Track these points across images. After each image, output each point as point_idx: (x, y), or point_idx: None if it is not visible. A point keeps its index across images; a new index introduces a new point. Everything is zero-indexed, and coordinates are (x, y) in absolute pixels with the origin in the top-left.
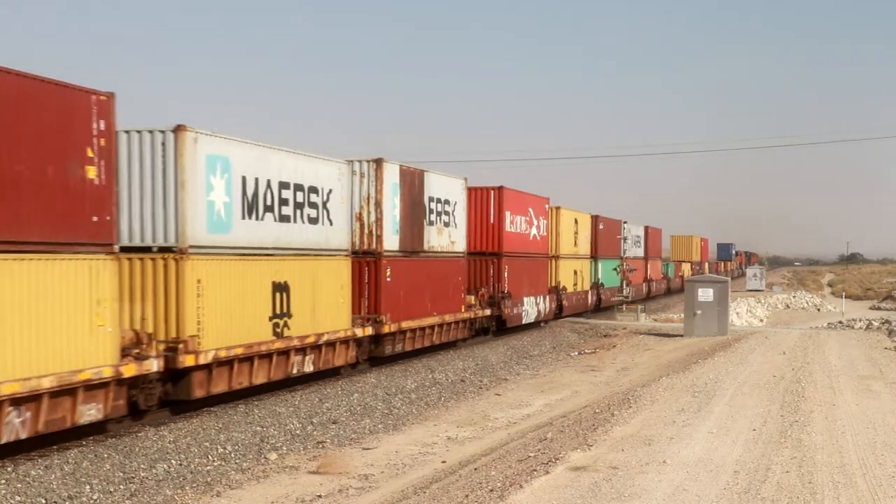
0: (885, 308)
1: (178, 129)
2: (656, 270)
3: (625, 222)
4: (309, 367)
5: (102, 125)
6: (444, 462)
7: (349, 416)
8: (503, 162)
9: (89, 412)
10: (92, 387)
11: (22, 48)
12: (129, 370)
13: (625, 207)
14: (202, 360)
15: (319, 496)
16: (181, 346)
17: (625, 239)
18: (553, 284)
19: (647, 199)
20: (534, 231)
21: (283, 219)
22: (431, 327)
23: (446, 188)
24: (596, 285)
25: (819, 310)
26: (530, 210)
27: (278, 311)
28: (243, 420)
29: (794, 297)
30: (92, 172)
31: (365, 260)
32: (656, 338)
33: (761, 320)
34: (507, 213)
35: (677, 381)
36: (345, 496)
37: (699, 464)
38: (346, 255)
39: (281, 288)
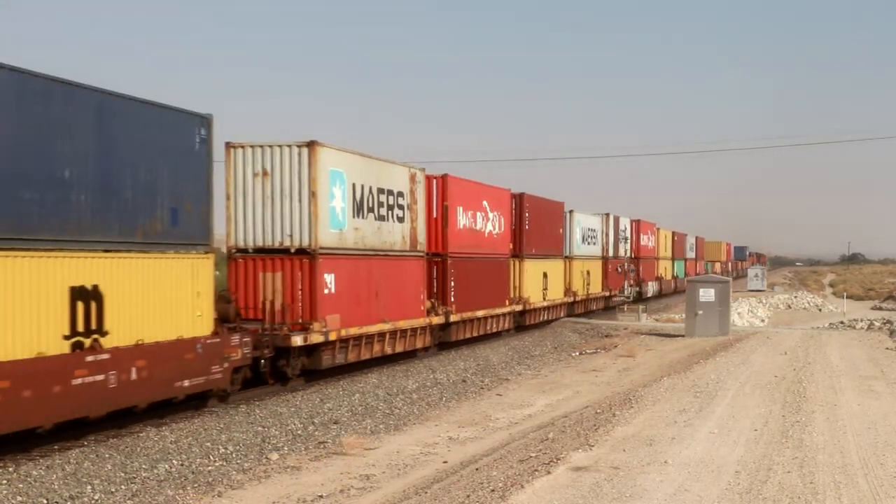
0: (887, 308)
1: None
2: (701, 268)
3: (685, 234)
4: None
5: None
6: (445, 462)
7: (350, 416)
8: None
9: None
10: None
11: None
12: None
13: (625, 206)
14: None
15: (321, 496)
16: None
17: (690, 247)
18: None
19: (646, 198)
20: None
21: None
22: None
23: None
24: (674, 278)
25: (820, 310)
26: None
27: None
28: (244, 420)
29: (795, 297)
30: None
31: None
32: (658, 338)
33: (762, 320)
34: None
35: (679, 382)
36: (346, 496)
37: (701, 464)
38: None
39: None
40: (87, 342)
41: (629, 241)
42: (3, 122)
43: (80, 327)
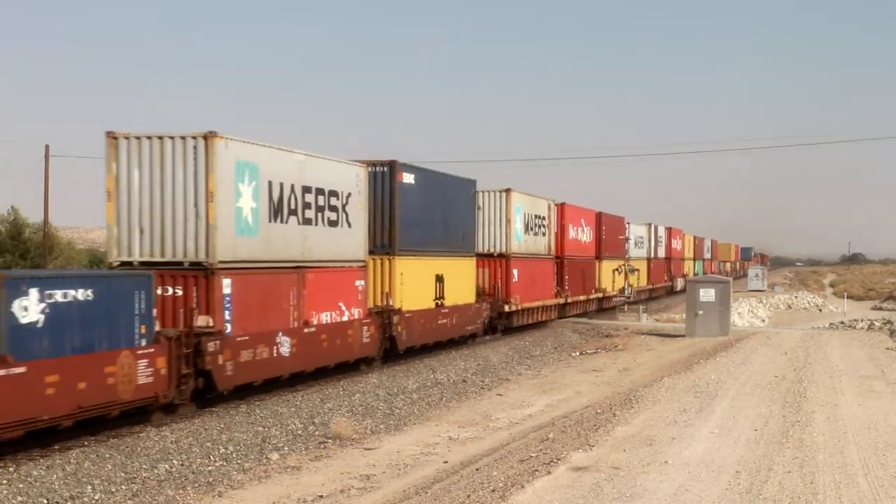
0: (887, 308)
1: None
2: (715, 267)
3: (703, 238)
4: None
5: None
6: (445, 462)
7: (351, 416)
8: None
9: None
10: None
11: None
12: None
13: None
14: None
15: (321, 496)
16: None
17: (707, 249)
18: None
19: (646, 197)
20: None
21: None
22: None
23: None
24: (696, 274)
25: (821, 310)
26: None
27: (437, 294)
28: (245, 420)
29: (795, 297)
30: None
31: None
32: (658, 338)
33: (763, 320)
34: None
35: (679, 382)
36: (346, 496)
37: (701, 464)
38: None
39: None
40: (441, 303)
41: (664, 244)
42: (416, 196)
43: (438, 295)
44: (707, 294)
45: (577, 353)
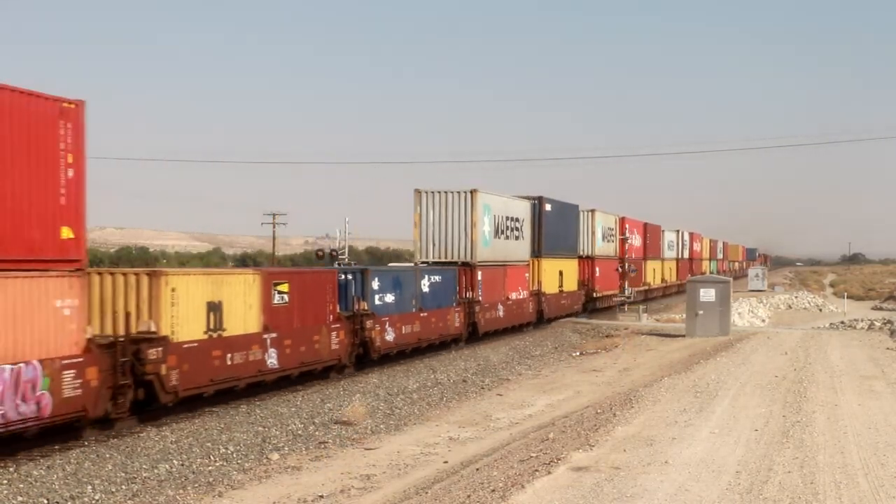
0: (887, 308)
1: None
2: (726, 266)
3: (717, 241)
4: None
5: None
6: (446, 462)
7: (351, 415)
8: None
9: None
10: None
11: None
12: None
13: (623, 204)
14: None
15: (321, 496)
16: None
17: (720, 250)
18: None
19: (644, 197)
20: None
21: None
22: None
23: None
24: (711, 273)
25: (821, 310)
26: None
27: (559, 284)
28: (245, 420)
29: (795, 297)
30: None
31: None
32: (658, 338)
33: (763, 321)
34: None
35: (679, 382)
36: (347, 496)
37: (701, 464)
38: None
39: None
40: (561, 289)
41: (688, 247)
42: (554, 222)
43: (559, 284)
44: (707, 294)
45: (578, 353)
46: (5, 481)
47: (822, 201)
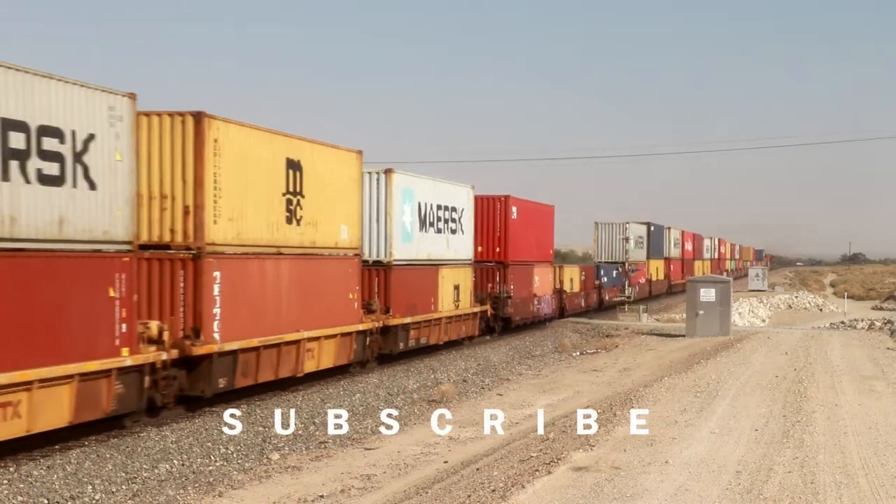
0: (888, 308)
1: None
2: (741, 265)
3: (735, 244)
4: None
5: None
6: (446, 462)
7: (351, 416)
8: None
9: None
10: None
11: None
12: None
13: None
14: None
15: (322, 496)
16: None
17: (737, 251)
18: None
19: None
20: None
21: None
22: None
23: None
24: (729, 271)
25: (821, 310)
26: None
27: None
28: (245, 420)
29: (796, 297)
30: None
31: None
32: (658, 338)
33: (763, 320)
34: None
35: (679, 382)
36: (347, 496)
37: (701, 464)
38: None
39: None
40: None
41: (716, 250)
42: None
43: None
44: (707, 294)
45: (578, 353)
46: (5, 481)
47: (822, 201)
